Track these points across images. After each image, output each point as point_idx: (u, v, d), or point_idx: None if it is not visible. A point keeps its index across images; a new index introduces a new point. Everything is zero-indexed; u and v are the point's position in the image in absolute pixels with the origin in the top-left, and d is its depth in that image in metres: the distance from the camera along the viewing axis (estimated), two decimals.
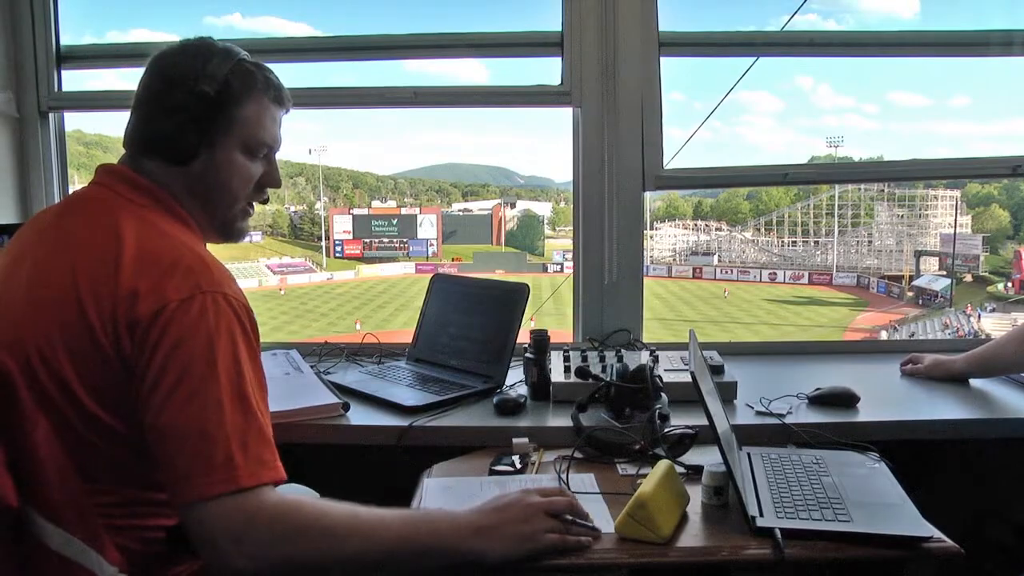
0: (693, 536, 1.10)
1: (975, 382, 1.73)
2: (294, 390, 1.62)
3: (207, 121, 1.07)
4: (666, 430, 1.36)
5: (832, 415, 1.53)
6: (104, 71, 2.24)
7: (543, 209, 50.43)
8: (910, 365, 1.82)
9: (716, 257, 40.15)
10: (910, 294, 32.19)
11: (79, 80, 2.16)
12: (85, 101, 2.15)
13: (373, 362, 1.94)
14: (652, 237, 40.30)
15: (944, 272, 32.83)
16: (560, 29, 2.01)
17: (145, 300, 0.94)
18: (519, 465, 1.34)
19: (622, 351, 1.85)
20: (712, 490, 1.17)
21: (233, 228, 1.17)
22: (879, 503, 1.15)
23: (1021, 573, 1.45)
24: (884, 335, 24.77)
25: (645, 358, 1.75)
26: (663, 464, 1.16)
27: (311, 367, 1.83)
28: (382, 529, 0.96)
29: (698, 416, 1.22)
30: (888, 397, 1.70)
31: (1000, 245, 35.53)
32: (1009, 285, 30.90)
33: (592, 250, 2.07)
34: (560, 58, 2.02)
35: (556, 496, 1.08)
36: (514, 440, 1.39)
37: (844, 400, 1.58)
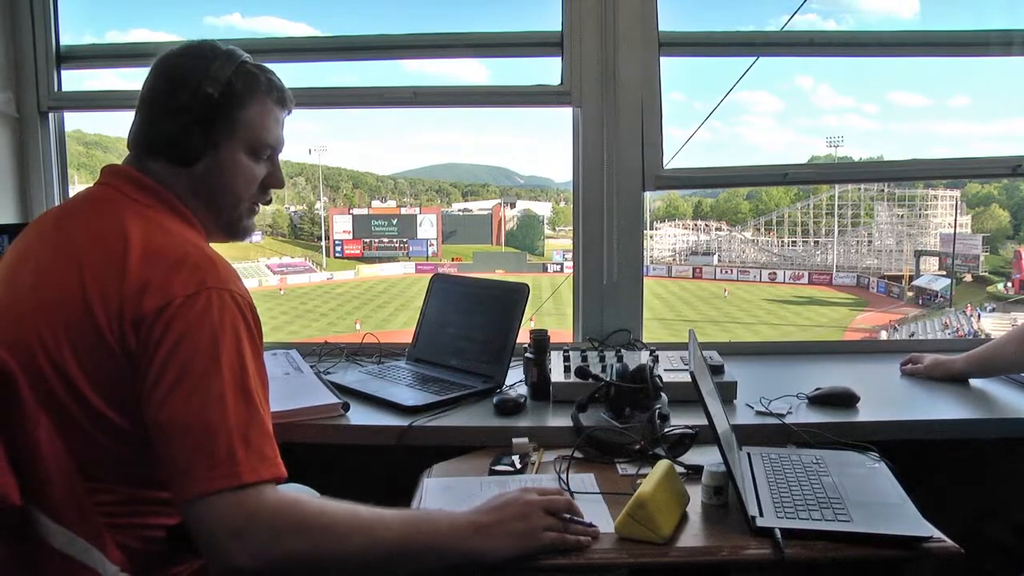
0: (693, 536, 1.10)
1: (975, 382, 1.73)
2: (294, 390, 1.62)
3: (211, 123, 1.08)
4: (666, 430, 1.36)
5: (832, 415, 1.53)
6: (104, 71, 2.24)
7: (543, 209, 50.47)
8: (910, 365, 1.82)
9: (716, 257, 40.18)
10: (910, 294, 32.21)
11: (79, 80, 2.16)
12: (85, 101, 2.14)
13: (373, 362, 1.94)
14: (652, 237, 40.33)
15: (944, 272, 32.86)
16: (560, 29, 2.01)
17: (151, 296, 0.94)
18: (519, 465, 1.34)
19: (622, 351, 1.85)
20: (712, 490, 1.17)
21: (239, 227, 1.18)
22: (879, 503, 1.15)
23: (1021, 573, 1.45)
24: (884, 335, 24.79)
25: (645, 358, 1.75)
26: (663, 464, 1.16)
27: (311, 367, 1.83)
28: (382, 528, 0.96)
29: (698, 416, 1.22)
30: (888, 397, 1.70)
31: (1000, 245, 35.55)
32: (1009, 285, 30.92)
33: (592, 250, 2.07)
34: (560, 58, 2.02)
35: (554, 495, 1.08)
36: (514, 440, 1.39)
37: (844, 400, 1.58)
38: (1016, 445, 1.54)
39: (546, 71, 2.05)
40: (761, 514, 1.10)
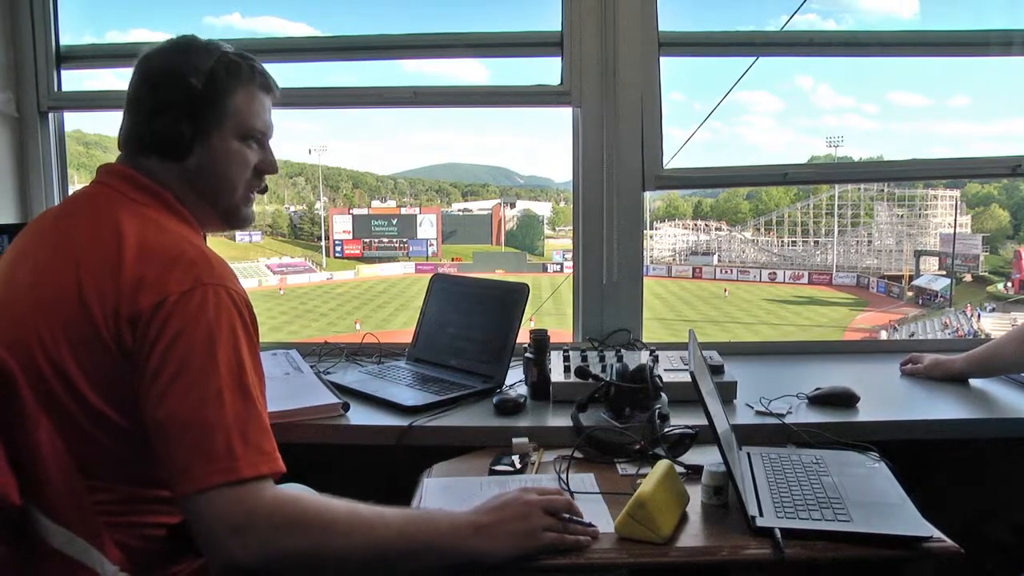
0: (693, 536, 1.10)
1: (975, 382, 1.73)
2: (294, 390, 1.62)
3: (198, 115, 1.09)
4: (666, 430, 1.36)
5: (832, 415, 1.53)
6: (104, 71, 2.24)
7: (543, 209, 50.48)
8: (910, 365, 1.82)
9: (716, 257, 40.18)
10: (910, 294, 32.21)
11: (79, 80, 2.16)
12: (85, 101, 2.14)
13: (373, 362, 1.94)
14: (652, 237, 40.33)
15: (944, 272, 32.86)
16: (560, 29, 2.01)
17: (147, 293, 0.95)
18: (519, 465, 1.34)
19: (622, 351, 1.85)
20: (712, 490, 1.17)
21: (238, 215, 1.18)
22: (879, 503, 1.15)
23: (1021, 573, 1.45)
24: (884, 335, 24.79)
25: (645, 358, 1.75)
26: (663, 464, 1.16)
27: (311, 367, 1.83)
28: (382, 526, 0.96)
29: (698, 416, 1.22)
30: (888, 397, 1.70)
31: (1000, 245, 35.56)
32: (1009, 285, 30.93)
33: (592, 250, 2.07)
34: (560, 58, 2.02)
35: (554, 495, 1.08)
36: (514, 440, 1.39)
37: (844, 400, 1.58)
38: (1016, 445, 1.54)
39: (546, 71, 2.05)
40: (761, 514, 1.10)
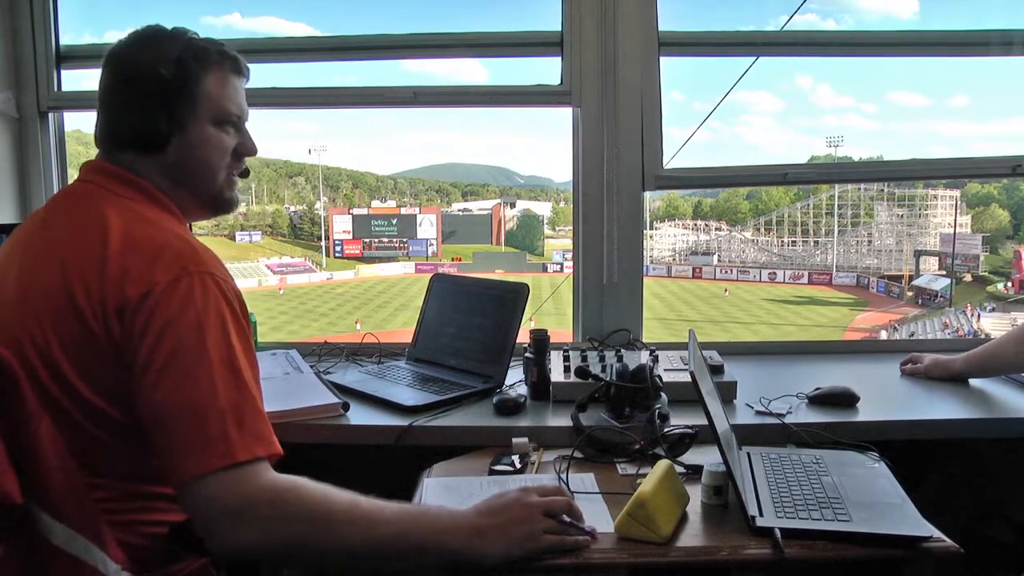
0: (693, 536, 1.10)
1: (975, 382, 1.73)
2: (294, 390, 1.62)
3: (171, 104, 1.09)
4: (666, 430, 1.36)
5: (832, 415, 1.53)
6: None
7: (543, 209, 50.49)
8: (910, 365, 1.82)
9: (716, 257, 40.19)
10: (910, 294, 32.22)
11: (79, 80, 2.16)
12: (85, 101, 2.14)
13: (373, 362, 1.93)
14: (652, 237, 40.34)
15: (944, 272, 32.87)
16: (560, 29, 2.01)
17: (133, 284, 0.95)
18: (519, 465, 1.34)
19: (622, 351, 1.85)
20: (712, 490, 1.17)
21: (223, 200, 1.18)
22: (879, 503, 1.15)
23: (1021, 573, 1.45)
24: (884, 335, 24.79)
25: (645, 358, 1.75)
26: (663, 464, 1.16)
27: (311, 367, 1.83)
28: (382, 523, 0.96)
29: (698, 416, 1.22)
30: (888, 397, 1.70)
31: (1000, 245, 35.58)
32: (1009, 285, 30.93)
33: (592, 250, 2.07)
34: (560, 58, 2.02)
35: (555, 495, 1.08)
36: (514, 440, 1.39)
37: (844, 400, 1.58)
38: (1016, 445, 1.54)
39: (546, 71, 2.05)
40: (761, 514, 1.10)
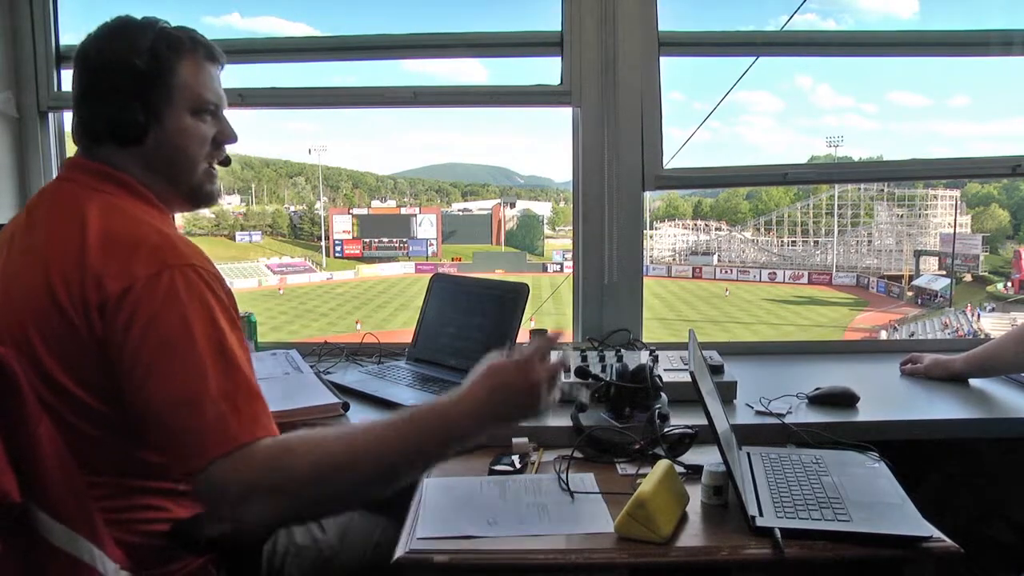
0: (693, 536, 1.10)
1: (975, 382, 1.73)
2: (294, 390, 1.62)
3: (147, 95, 1.07)
4: (666, 430, 1.36)
5: (832, 415, 1.53)
6: None
7: (543, 209, 50.49)
8: (910, 365, 1.82)
9: (716, 257, 40.19)
10: (910, 294, 32.22)
11: None
12: None
13: (373, 362, 1.93)
14: (652, 237, 40.33)
15: (944, 272, 32.87)
16: (560, 29, 2.01)
17: (113, 280, 0.94)
18: (519, 465, 1.33)
19: (622, 351, 1.85)
20: (712, 490, 1.17)
21: (202, 192, 1.16)
22: (879, 503, 1.15)
23: (1021, 573, 1.45)
24: (884, 335, 24.79)
25: (645, 358, 1.74)
26: (663, 464, 1.16)
27: (311, 367, 1.82)
28: (386, 449, 0.98)
29: (698, 416, 1.22)
30: (888, 397, 1.70)
31: (1000, 245, 35.59)
32: (1009, 285, 30.94)
33: (592, 250, 2.07)
34: (560, 58, 2.02)
35: (555, 366, 1.08)
36: (514, 440, 1.39)
37: (844, 400, 1.58)
38: (1016, 445, 1.54)
39: (546, 71, 2.05)
40: (761, 514, 1.10)
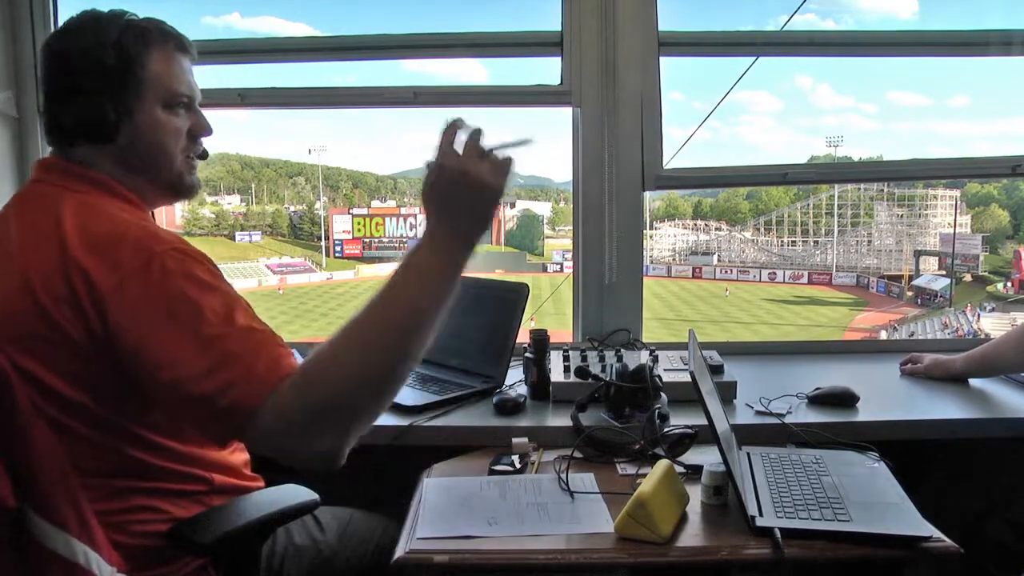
0: (693, 536, 1.10)
1: (975, 382, 1.73)
2: None
3: (117, 91, 1.05)
4: (666, 430, 1.36)
5: (832, 415, 1.53)
6: None
7: (543, 209, 50.46)
8: (910, 365, 1.82)
9: (716, 257, 40.17)
10: (910, 294, 32.21)
11: None
12: None
13: None
14: (652, 237, 40.31)
15: (944, 272, 32.85)
16: (560, 29, 2.01)
17: (102, 276, 0.94)
18: (519, 465, 1.34)
19: (622, 351, 1.85)
20: (712, 490, 1.17)
21: (182, 184, 1.15)
22: (879, 503, 1.15)
23: (1021, 573, 1.45)
24: (884, 335, 24.79)
25: (645, 358, 1.75)
26: (663, 464, 1.16)
27: None
28: (382, 322, 1.03)
29: (698, 416, 1.22)
30: (888, 397, 1.70)
31: (1000, 245, 35.57)
32: (1008, 285, 30.92)
33: (592, 250, 2.07)
34: (560, 58, 2.02)
35: (468, 141, 1.01)
36: (514, 440, 1.40)
37: (844, 400, 1.58)
38: (1016, 445, 1.54)
39: (546, 71, 2.04)
40: (761, 514, 1.10)
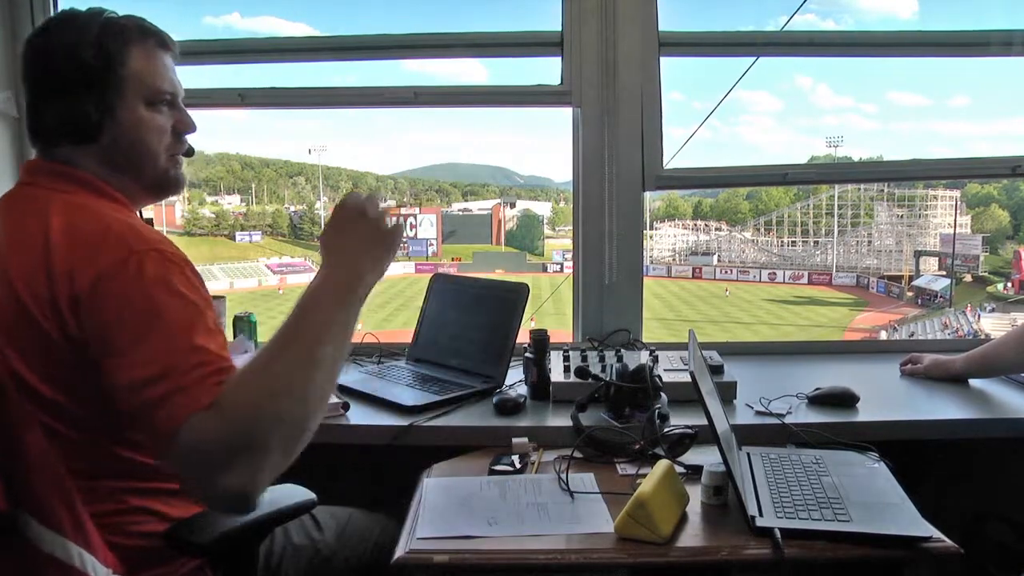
0: (693, 536, 1.10)
1: (975, 382, 1.73)
2: None
3: (98, 89, 1.05)
4: (666, 430, 1.36)
5: (832, 415, 1.53)
6: None
7: (543, 209, 50.43)
8: (909, 365, 1.82)
9: (716, 257, 40.16)
10: (910, 294, 32.20)
11: None
12: None
13: (373, 362, 1.93)
14: (652, 237, 40.29)
15: (944, 272, 32.83)
16: (560, 29, 2.01)
17: (82, 274, 0.94)
18: (519, 465, 1.34)
19: (622, 351, 1.85)
20: (712, 490, 1.17)
21: (167, 181, 1.15)
22: (879, 503, 1.15)
23: (1021, 573, 1.45)
24: (884, 335, 24.78)
25: (645, 358, 1.75)
26: (663, 464, 1.16)
27: None
28: (290, 341, 0.94)
29: (698, 416, 1.22)
30: (888, 397, 1.71)
31: (1000, 245, 35.54)
32: (1009, 285, 30.91)
33: (592, 250, 2.07)
34: (560, 58, 2.02)
35: (362, 203, 1.08)
36: (514, 440, 1.40)
37: (844, 400, 1.58)
38: (1016, 445, 1.54)
39: (546, 71, 2.04)
40: (761, 514, 1.10)
